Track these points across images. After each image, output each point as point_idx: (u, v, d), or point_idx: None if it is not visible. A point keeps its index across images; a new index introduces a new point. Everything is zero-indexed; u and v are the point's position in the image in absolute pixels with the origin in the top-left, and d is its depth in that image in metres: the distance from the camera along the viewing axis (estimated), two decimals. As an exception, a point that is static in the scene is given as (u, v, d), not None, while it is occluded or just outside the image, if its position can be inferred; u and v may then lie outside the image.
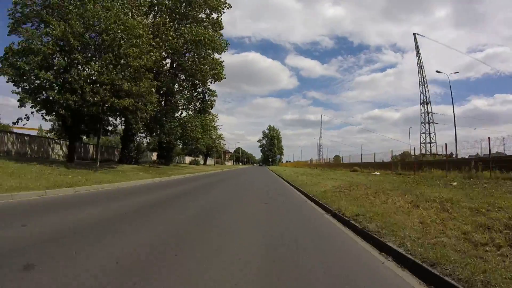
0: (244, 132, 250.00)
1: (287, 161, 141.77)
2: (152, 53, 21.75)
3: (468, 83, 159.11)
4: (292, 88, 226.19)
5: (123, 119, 25.31)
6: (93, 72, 17.80)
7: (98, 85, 17.55)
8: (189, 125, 35.16)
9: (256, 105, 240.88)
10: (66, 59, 18.27)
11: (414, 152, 52.79)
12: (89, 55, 18.80)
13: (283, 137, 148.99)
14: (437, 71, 48.10)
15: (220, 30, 35.94)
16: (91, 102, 17.04)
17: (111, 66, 18.09)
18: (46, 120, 20.37)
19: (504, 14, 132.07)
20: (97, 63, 18.09)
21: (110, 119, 25.00)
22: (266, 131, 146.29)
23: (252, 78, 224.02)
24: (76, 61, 18.24)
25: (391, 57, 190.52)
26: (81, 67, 18.22)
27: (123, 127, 28.79)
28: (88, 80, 17.81)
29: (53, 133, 35.47)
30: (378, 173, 24.38)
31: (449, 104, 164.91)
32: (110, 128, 27.42)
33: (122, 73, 18.83)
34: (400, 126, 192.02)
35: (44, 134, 36.86)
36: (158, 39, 25.21)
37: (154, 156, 40.67)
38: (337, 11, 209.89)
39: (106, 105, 17.99)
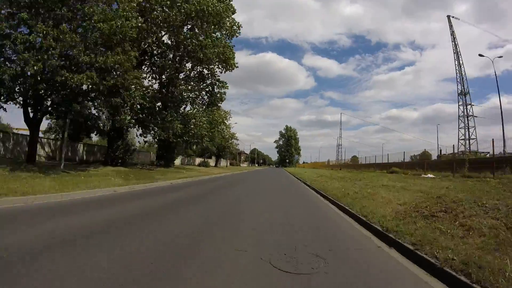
0: (261, 133, 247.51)
1: (304, 162, 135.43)
2: (134, 20, 16.47)
3: (487, 81, 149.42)
4: (309, 89, 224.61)
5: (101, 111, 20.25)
6: (40, 35, 12.60)
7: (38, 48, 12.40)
8: (193, 120, 29.87)
9: (273, 106, 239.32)
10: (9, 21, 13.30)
11: (456, 150, 46.07)
12: (40, 14, 13.62)
13: (300, 138, 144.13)
14: (480, 55, 41.42)
15: (233, 14, 30.55)
16: (30, 74, 11.86)
17: (65, 25, 12.92)
18: (4, 109, 15.61)
19: None
20: (46, 23, 12.92)
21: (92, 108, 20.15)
22: (283, 131, 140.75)
23: (269, 79, 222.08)
24: (21, 23, 13.27)
25: (410, 55, 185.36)
26: (25, 30, 13.17)
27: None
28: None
29: (50, 133, 31.11)
30: (433, 176, 18.31)
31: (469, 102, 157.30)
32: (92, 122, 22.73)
33: (82, 37, 13.60)
34: (418, 125, 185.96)
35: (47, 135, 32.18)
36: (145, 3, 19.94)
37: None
38: (355, 9, 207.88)
39: (57, 81, 12.74)
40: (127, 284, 2.80)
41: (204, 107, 33.75)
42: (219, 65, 32.34)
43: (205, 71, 34.23)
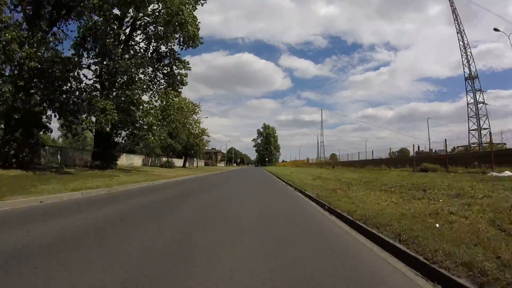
0: (239, 133, 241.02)
1: (283, 161, 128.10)
2: None
3: (460, 80, 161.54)
4: (286, 89, 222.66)
5: None
6: None
7: None
8: (140, 106, 21.66)
9: (251, 107, 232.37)
10: None
11: (467, 143, 40.13)
12: None
13: (278, 137, 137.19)
14: (495, 29, 36.62)
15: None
16: None
17: None
18: None
19: (496, 10, 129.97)
20: None
21: None
22: (261, 130, 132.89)
23: (246, 79, 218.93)
24: None
25: (385, 55, 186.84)
26: None
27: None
28: None
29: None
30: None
31: (442, 101, 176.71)
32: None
33: None
34: (394, 124, 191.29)
35: None
36: None
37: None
38: (331, 10, 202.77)
39: None
40: None
41: (159, 89, 25.68)
42: (179, 36, 24.80)
43: (163, 48, 26.30)
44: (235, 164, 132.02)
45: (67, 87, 18.07)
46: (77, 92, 18.46)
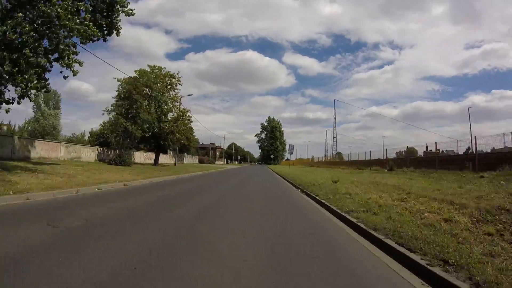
0: (243, 131, 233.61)
1: (287, 159, 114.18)
2: None
3: (465, 80, 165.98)
4: (290, 86, 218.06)
5: None
6: None
7: None
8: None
9: (255, 104, 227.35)
10: None
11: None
12: None
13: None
14: None
15: None
16: None
17: None
18: None
19: (500, 10, 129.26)
20: None
21: None
22: (265, 124, 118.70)
23: (250, 77, 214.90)
24: None
25: (389, 54, 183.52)
26: None
27: None
28: None
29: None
30: None
31: (447, 100, 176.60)
32: None
33: None
34: (398, 122, 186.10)
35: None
36: None
37: None
38: (334, 9, 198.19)
39: None
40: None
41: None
42: None
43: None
44: (236, 162, 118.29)
45: None
46: None
